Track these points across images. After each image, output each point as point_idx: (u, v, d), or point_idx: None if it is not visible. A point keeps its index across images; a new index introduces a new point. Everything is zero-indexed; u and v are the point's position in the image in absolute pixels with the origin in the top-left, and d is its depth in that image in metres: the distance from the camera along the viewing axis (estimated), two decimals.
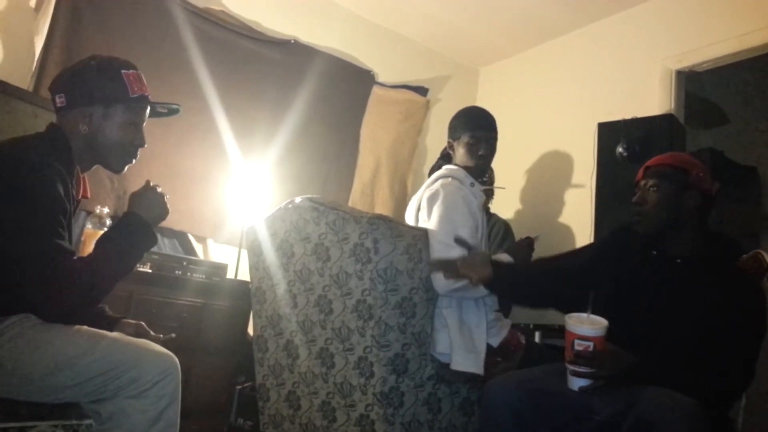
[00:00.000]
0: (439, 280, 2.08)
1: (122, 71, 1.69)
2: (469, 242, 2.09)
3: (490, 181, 3.03)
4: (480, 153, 2.38)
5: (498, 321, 2.23)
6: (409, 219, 2.47)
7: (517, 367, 2.13)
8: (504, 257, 2.27)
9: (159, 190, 1.69)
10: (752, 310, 1.73)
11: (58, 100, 1.68)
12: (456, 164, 2.41)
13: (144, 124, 1.77)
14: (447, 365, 2.13)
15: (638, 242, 1.93)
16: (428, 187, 2.35)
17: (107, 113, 1.68)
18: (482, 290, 2.10)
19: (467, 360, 2.10)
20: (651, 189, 1.86)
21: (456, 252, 2.09)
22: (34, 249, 1.45)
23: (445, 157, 2.51)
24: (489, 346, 2.17)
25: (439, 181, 2.31)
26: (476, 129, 2.41)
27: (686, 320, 1.73)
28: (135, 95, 1.70)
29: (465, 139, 2.40)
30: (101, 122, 1.68)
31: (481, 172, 2.42)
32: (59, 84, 1.70)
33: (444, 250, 2.12)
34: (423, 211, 2.30)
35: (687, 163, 1.88)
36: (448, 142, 2.49)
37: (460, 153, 2.42)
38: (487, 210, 2.41)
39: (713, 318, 1.69)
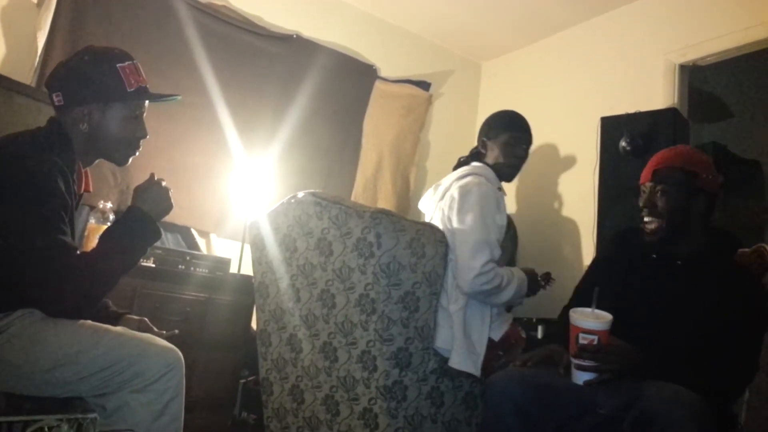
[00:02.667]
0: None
1: (117, 65, 1.67)
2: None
3: None
4: (518, 154, 2.42)
5: (500, 315, 2.23)
6: (425, 207, 2.47)
7: None
8: (519, 273, 2.26)
9: (163, 184, 1.68)
10: (754, 305, 1.73)
11: (55, 98, 1.66)
12: (486, 163, 2.40)
13: (144, 114, 1.77)
14: (448, 359, 2.14)
15: (638, 245, 1.92)
16: (459, 179, 2.33)
17: (106, 110, 1.67)
18: (506, 296, 2.15)
19: (466, 360, 2.11)
20: (659, 194, 1.80)
21: (484, 256, 2.10)
22: (36, 245, 1.44)
23: (474, 156, 2.49)
24: (491, 340, 2.18)
25: (472, 178, 2.29)
26: (517, 130, 2.44)
27: (689, 319, 1.73)
28: (132, 89, 1.68)
29: (504, 138, 2.41)
30: (101, 119, 1.67)
31: (511, 174, 2.44)
32: (55, 82, 1.68)
33: (473, 251, 2.12)
34: (449, 201, 2.28)
35: (696, 165, 1.81)
36: (481, 141, 2.47)
37: (494, 152, 2.41)
38: None
39: (715, 315, 1.69)
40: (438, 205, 2.35)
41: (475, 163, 2.40)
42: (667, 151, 1.89)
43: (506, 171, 2.42)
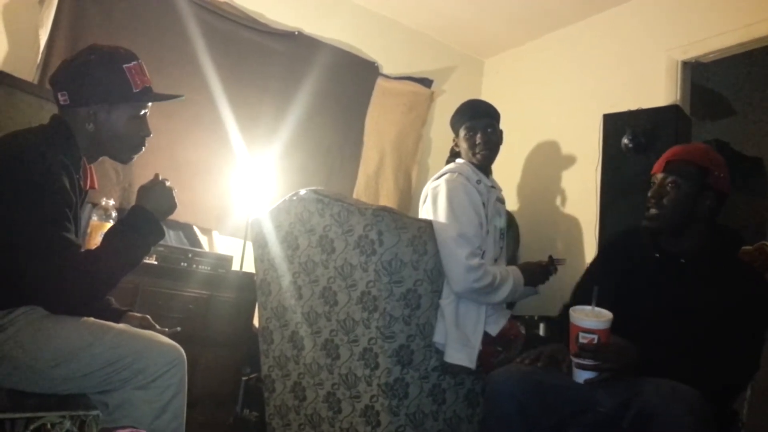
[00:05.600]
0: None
1: (124, 66, 1.67)
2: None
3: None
4: (477, 142, 2.36)
5: (496, 310, 2.23)
6: (420, 209, 2.49)
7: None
8: (514, 271, 2.27)
9: (168, 183, 1.68)
10: (756, 301, 1.73)
11: (60, 97, 1.66)
12: (463, 160, 2.41)
13: (148, 114, 1.77)
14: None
15: (641, 244, 1.91)
16: (435, 180, 2.36)
17: (111, 110, 1.67)
18: (501, 294, 2.15)
19: (461, 353, 2.11)
20: (669, 186, 1.79)
21: (464, 249, 2.10)
22: (40, 242, 1.45)
23: (455, 155, 2.50)
24: (488, 335, 2.17)
25: (445, 176, 2.31)
26: (469, 119, 2.40)
27: (691, 317, 1.72)
28: (138, 90, 1.69)
29: (462, 132, 2.41)
30: (106, 119, 1.67)
31: (486, 162, 2.40)
32: (60, 80, 1.68)
33: (453, 246, 2.12)
34: (427, 204, 2.31)
35: (710, 162, 1.80)
36: (453, 141, 2.49)
37: (462, 148, 2.42)
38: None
39: (718, 312, 1.69)
40: (423, 208, 2.37)
41: (458, 160, 2.42)
42: (683, 145, 1.89)
43: (480, 160, 2.38)
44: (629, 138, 3.12)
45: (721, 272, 1.76)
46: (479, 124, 2.38)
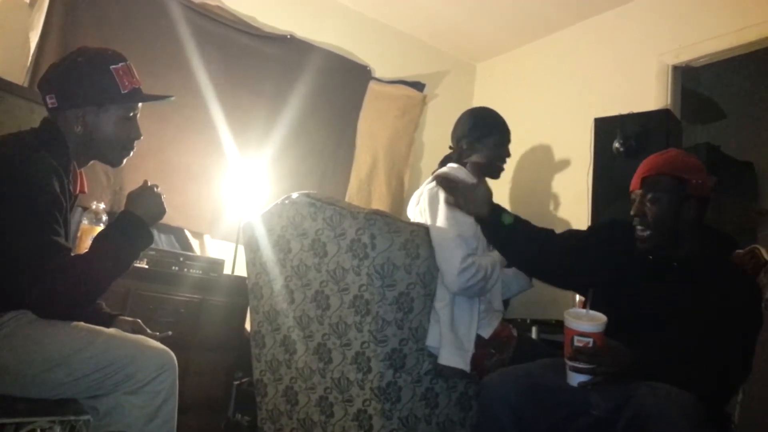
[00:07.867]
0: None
1: (111, 67, 1.67)
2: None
3: None
4: (506, 153, 2.53)
5: (488, 312, 2.23)
6: (411, 215, 2.49)
7: (511, 360, 2.14)
8: (495, 255, 2.29)
9: (157, 189, 1.68)
10: (748, 305, 1.73)
11: (49, 100, 1.66)
12: (465, 164, 2.42)
13: (138, 115, 1.76)
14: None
15: (633, 244, 1.91)
16: (430, 182, 2.36)
17: (100, 112, 1.67)
18: (493, 281, 2.18)
19: (455, 356, 2.11)
20: (649, 202, 1.81)
21: (461, 251, 2.11)
22: (29, 246, 1.44)
23: (448, 158, 2.51)
24: (480, 337, 2.17)
25: None
26: (504, 131, 2.54)
27: (684, 320, 1.73)
28: (126, 91, 1.68)
29: (497, 140, 2.50)
30: (95, 122, 1.67)
31: (500, 172, 2.52)
32: (49, 84, 1.68)
33: (452, 247, 2.13)
34: (422, 205, 2.31)
35: (685, 171, 1.80)
36: (468, 143, 2.48)
37: (486, 155, 2.46)
38: None
39: (710, 316, 1.69)
40: (416, 210, 2.38)
41: (452, 164, 2.42)
42: (655, 157, 1.88)
43: (496, 170, 2.50)
44: (620, 142, 3.13)
45: (713, 276, 1.77)
46: (509, 137, 2.56)
